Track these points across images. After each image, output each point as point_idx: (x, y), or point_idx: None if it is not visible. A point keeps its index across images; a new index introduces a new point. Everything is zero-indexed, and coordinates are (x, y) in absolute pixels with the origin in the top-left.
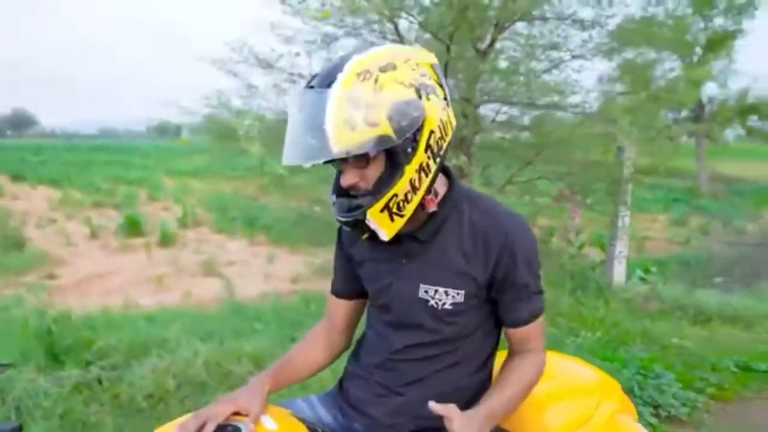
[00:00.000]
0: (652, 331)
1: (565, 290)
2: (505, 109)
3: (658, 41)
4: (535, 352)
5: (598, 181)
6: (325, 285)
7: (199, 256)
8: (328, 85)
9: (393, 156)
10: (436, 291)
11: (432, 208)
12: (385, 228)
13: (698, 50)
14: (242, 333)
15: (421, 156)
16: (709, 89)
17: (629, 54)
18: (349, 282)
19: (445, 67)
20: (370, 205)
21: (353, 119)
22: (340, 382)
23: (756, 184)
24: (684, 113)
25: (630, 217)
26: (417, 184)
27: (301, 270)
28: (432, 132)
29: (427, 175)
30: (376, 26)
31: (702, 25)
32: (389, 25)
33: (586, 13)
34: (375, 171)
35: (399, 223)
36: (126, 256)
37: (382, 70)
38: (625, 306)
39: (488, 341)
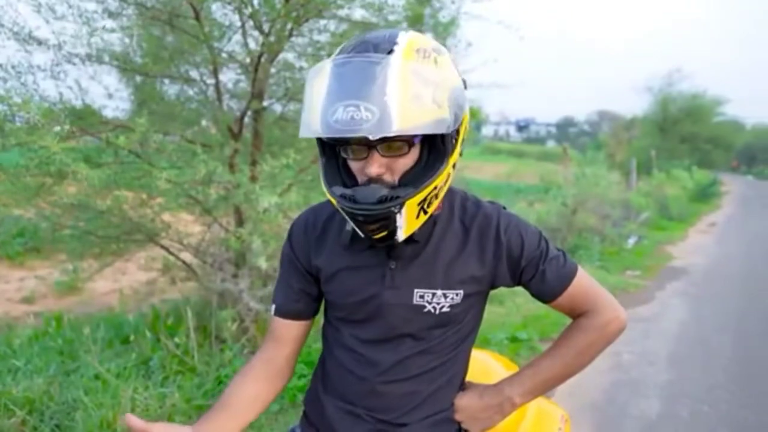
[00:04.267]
0: None
1: None
2: (290, 107)
3: None
4: (594, 311)
5: None
6: (71, 302)
7: None
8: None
9: (435, 145)
10: (433, 295)
11: (438, 210)
12: (408, 225)
13: None
14: None
15: (458, 149)
16: None
17: None
18: (303, 299)
19: (259, 57)
20: (411, 196)
21: (421, 96)
22: (308, 419)
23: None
24: None
25: None
26: (446, 180)
27: (33, 287)
28: (466, 127)
29: (453, 173)
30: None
31: None
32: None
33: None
34: (407, 162)
35: (421, 221)
36: None
37: (437, 52)
38: None
39: (466, 357)
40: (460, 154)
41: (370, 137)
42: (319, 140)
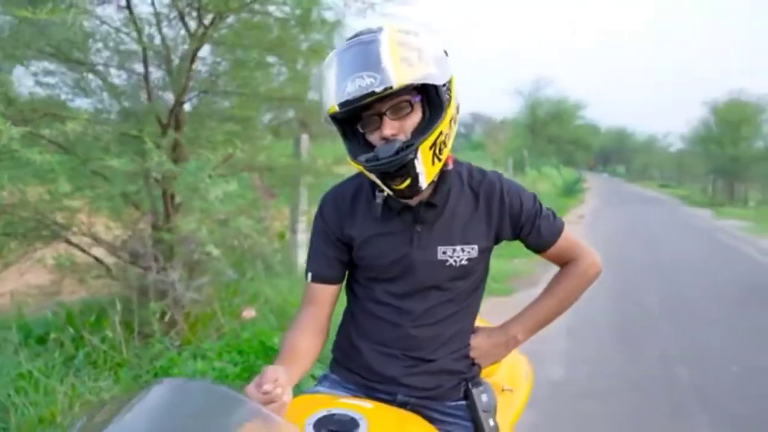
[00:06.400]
0: None
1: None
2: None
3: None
4: (577, 259)
5: (290, 176)
6: None
7: None
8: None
9: (432, 101)
10: (453, 250)
11: (450, 164)
12: (427, 171)
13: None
14: None
15: (453, 106)
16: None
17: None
18: (336, 266)
19: (196, 49)
20: (423, 140)
21: (409, 58)
22: (339, 364)
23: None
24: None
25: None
26: (449, 130)
27: None
28: (456, 90)
29: (454, 127)
30: None
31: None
32: None
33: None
34: (414, 120)
35: (437, 168)
36: None
37: (416, 30)
38: None
39: (478, 304)
40: (457, 112)
41: (377, 90)
42: (339, 124)
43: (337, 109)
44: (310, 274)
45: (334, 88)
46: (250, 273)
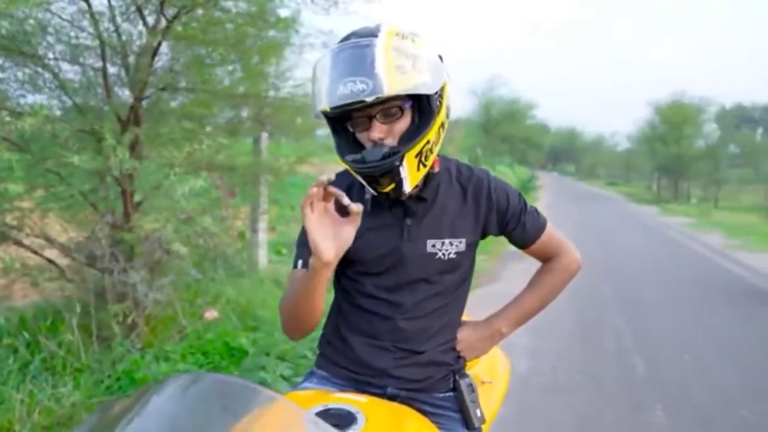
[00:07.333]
0: None
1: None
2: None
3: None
4: (559, 255)
5: (250, 175)
6: None
7: None
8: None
9: (423, 108)
10: (442, 243)
11: (437, 167)
12: (411, 177)
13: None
14: None
15: (443, 112)
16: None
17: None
18: None
19: (159, 44)
20: (409, 149)
21: (403, 66)
22: (325, 359)
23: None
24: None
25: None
26: (437, 137)
27: None
28: (448, 95)
29: (442, 133)
30: None
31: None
32: None
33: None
34: (403, 125)
35: (421, 173)
36: None
37: (413, 34)
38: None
39: (465, 297)
40: (447, 117)
41: (367, 100)
42: (330, 120)
43: (328, 109)
44: (301, 261)
45: (327, 88)
46: (210, 273)
